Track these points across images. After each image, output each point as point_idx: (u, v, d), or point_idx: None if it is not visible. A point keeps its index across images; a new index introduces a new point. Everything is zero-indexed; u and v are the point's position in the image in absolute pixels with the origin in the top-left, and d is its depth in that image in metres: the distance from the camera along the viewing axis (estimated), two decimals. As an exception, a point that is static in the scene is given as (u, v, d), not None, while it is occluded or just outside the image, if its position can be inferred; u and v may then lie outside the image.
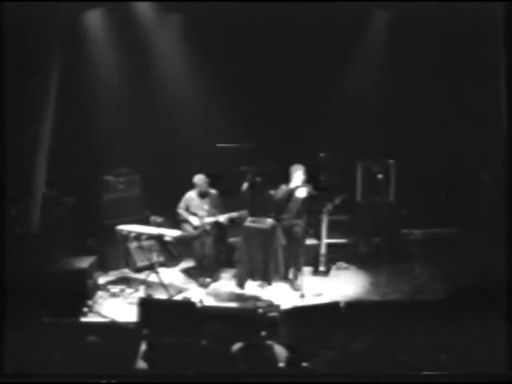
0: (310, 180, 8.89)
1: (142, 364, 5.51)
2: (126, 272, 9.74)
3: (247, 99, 10.54)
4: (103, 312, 8.13)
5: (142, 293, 8.69)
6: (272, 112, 10.48)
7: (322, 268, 9.62)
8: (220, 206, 9.23)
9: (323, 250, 9.63)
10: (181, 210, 9.24)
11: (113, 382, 5.18)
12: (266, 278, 8.60)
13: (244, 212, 8.92)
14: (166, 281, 8.89)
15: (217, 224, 9.15)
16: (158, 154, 10.55)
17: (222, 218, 8.97)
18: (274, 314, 7.32)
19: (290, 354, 5.59)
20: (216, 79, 10.41)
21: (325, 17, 9.89)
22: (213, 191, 9.30)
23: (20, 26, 7.75)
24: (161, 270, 9.18)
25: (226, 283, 9.20)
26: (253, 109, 10.52)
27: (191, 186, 9.29)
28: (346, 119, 10.59)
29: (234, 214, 8.99)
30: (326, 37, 10.25)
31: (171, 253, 9.99)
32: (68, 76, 9.28)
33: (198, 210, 9.18)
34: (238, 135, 10.37)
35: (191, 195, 9.27)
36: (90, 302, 8.21)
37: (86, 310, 8.03)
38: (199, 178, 9.20)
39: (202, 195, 9.21)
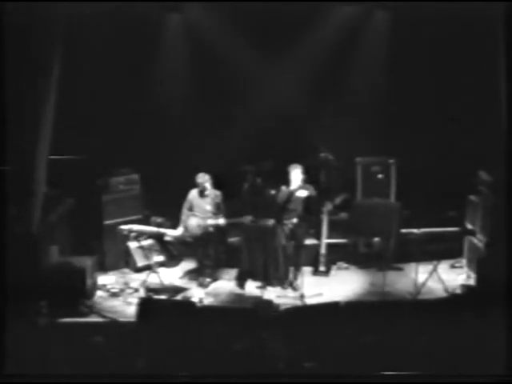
0: (309, 180, 8.87)
1: (141, 364, 5.51)
2: (126, 272, 9.74)
3: (248, 99, 10.53)
4: (103, 312, 8.13)
5: (142, 293, 8.70)
6: (272, 112, 10.47)
7: (321, 268, 9.60)
8: (222, 207, 9.19)
9: (323, 250, 9.62)
10: (184, 210, 9.20)
11: (113, 381, 5.19)
12: (267, 278, 8.59)
13: (248, 218, 8.88)
14: (165, 281, 8.89)
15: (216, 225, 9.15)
16: (157, 153, 10.53)
17: (222, 222, 8.96)
18: (274, 313, 7.32)
19: (290, 354, 5.60)
20: (217, 78, 10.41)
21: (326, 17, 9.90)
22: (217, 192, 9.21)
23: (20, 26, 7.74)
24: (161, 269, 9.18)
25: (225, 283, 9.20)
26: (253, 108, 10.52)
27: (191, 186, 9.27)
28: (347, 119, 10.59)
29: (236, 220, 8.98)
30: (326, 36, 10.25)
31: (171, 253, 9.98)
32: (68, 75, 9.26)
33: (199, 209, 9.15)
34: (238, 135, 10.38)
35: (194, 194, 9.21)
36: (89, 302, 8.21)
37: (86, 310, 8.03)
38: (201, 176, 9.16)
39: (203, 194, 9.17)
